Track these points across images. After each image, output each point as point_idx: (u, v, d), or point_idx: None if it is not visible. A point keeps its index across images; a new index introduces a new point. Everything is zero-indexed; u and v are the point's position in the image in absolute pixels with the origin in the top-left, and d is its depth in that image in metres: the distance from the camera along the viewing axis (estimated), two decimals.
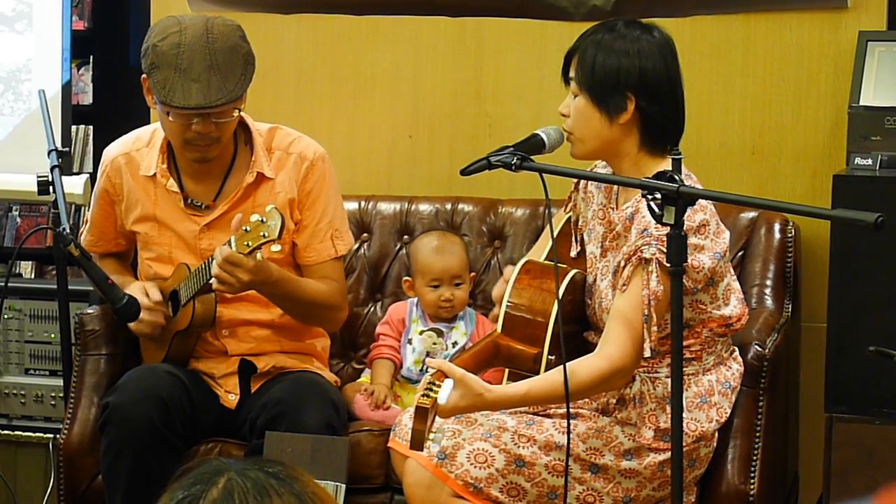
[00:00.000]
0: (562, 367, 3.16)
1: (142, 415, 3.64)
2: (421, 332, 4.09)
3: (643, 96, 3.39)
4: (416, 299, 4.15)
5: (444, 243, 4.16)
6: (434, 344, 4.07)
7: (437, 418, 3.15)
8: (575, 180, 3.67)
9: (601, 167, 3.63)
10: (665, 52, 3.43)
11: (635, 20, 3.50)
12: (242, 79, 3.67)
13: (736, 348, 3.60)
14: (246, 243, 3.53)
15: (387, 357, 4.09)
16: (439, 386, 3.09)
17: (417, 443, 3.06)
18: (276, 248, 3.52)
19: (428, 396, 3.06)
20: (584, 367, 3.24)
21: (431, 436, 3.12)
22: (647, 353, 3.27)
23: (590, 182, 3.62)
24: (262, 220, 3.50)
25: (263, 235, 3.50)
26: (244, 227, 3.53)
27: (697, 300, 3.40)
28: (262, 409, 3.69)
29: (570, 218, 3.62)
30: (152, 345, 3.92)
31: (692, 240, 3.30)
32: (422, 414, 3.04)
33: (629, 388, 3.43)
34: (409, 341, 4.09)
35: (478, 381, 3.17)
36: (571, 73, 3.42)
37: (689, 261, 3.25)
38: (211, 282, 3.63)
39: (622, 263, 3.33)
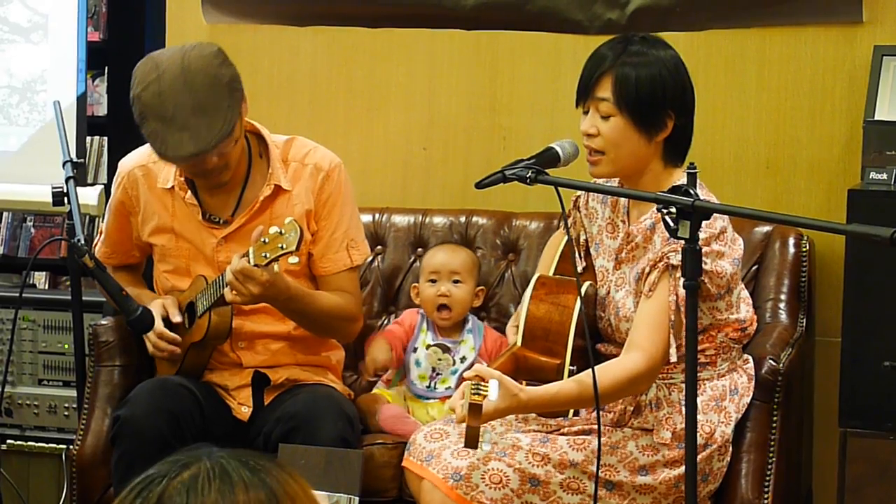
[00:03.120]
0: (589, 369, 3.19)
1: (152, 428, 3.64)
2: (427, 347, 4.08)
3: (681, 113, 3.39)
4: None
5: (452, 246, 4.20)
6: (439, 360, 4.06)
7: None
8: (573, 199, 3.68)
9: (603, 181, 3.62)
10: (684, 67, 3.44)
11: (646, 35, 3.48)
12: (230, 111, 3.59)
13: (750, 358, 3.60)
14: (264, 254, 3.53)
15: (385, 338, 4.06)
16: (486, 385, 3.13)
17: (472, 440, 3.10)
18: (293, 259, 3.52)
19: (478, 394, 3.11)
20: (610, 370, 3.28)
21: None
22: (673, 359, 3.28)
23: (591, 199, 3.62)
24: (280, 232, 3.50)
25: (282, 247, 3.49)
26: (263, 239, 3.53)
27: (714, 307, 3.41)
28: (277, 422, 3.69)
29: (569, 238, 3.60)
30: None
31: (714, 246, 3.31)
32: (475, 411, 3.09)
33: (645, 395, 3.43)
34: (415, 350, 4.08)
35: (512, 381, 3.23)
36: (603, 95, 3.38)
37: (711, 267, 3.27)
38: (224, 290, 3.63)
39: (647, 270, 3.33)
